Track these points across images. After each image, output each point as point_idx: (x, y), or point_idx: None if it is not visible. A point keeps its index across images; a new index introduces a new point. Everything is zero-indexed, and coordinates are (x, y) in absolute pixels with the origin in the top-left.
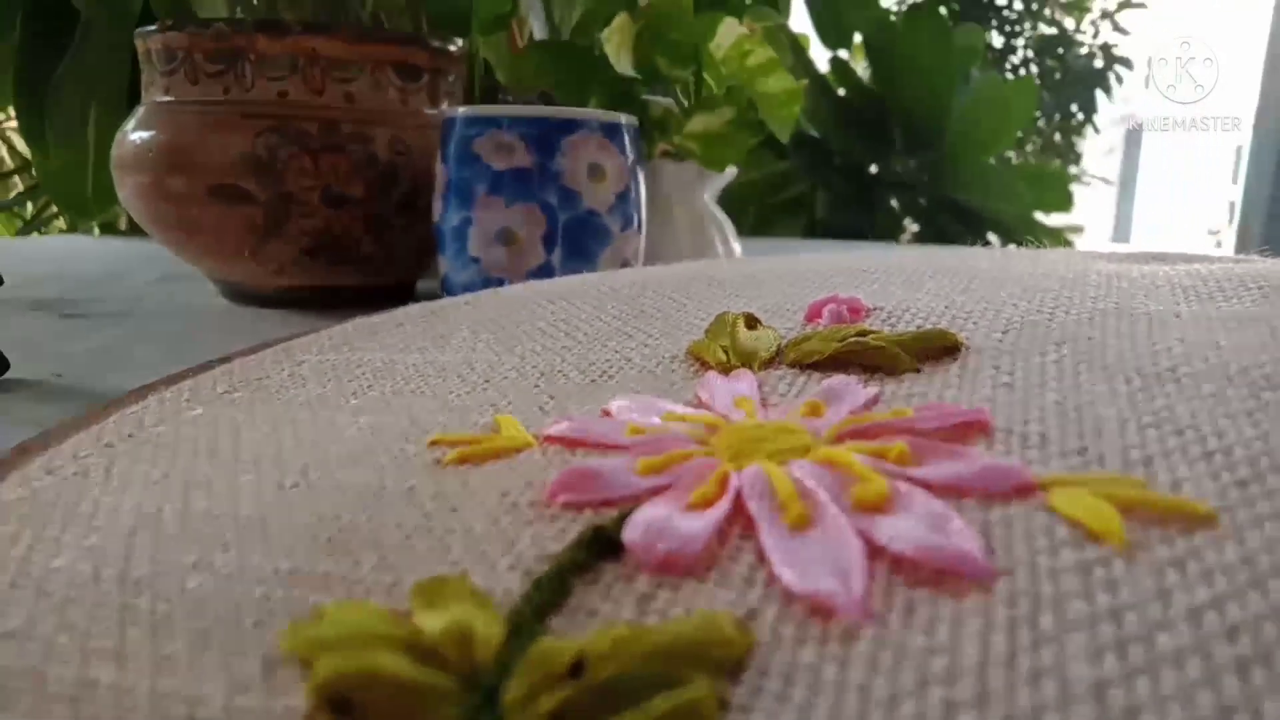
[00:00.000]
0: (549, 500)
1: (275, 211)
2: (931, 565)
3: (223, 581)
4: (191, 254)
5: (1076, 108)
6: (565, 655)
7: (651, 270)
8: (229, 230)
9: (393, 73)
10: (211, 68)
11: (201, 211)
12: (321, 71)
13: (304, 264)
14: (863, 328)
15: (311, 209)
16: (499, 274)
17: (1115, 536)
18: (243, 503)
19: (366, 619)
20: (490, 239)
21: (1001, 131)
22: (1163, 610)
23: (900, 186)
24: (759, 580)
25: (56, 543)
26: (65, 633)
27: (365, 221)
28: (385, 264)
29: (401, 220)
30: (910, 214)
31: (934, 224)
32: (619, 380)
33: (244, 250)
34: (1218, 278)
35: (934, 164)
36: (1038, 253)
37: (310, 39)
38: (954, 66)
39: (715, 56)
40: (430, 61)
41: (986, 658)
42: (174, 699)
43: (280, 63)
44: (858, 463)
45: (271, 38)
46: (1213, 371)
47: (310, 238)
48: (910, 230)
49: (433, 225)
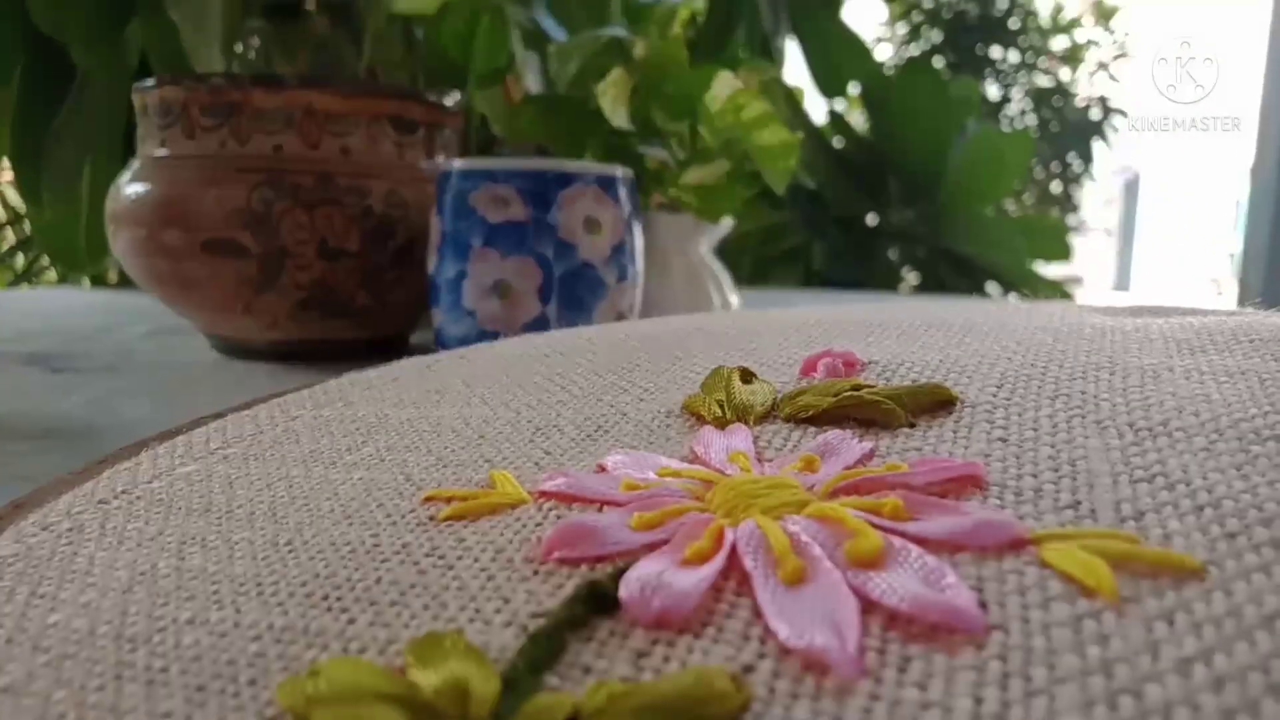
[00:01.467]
0: (544, 557)
1: (270, 265)
2: (925, 620)
3: (218, 638)
4: (185, 308)
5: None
6: (560, 711)
7: (646, 323)
8: (223, 284)
9: (389, 126)
10: (208, 122)
11: (196, 265)
12: (317, 125)
13: (298, 317)
14: (858, 382)
15: (306, 262)
16: (494, 326)
17: (1107, 590)
18: (237, 560)
19: (362, 675)
20: (485, 291)
21: (999, 182)
22: (1152, 662)
23: (898, 237)
24: (754, 636)
25: (53, 599)
26: (62, 689)
27: (360, 274)
28: (380, 317)
29: (396, 273)
30: (909, 264)
31: (933, 275)
32: (614, 435)
33: (238, 304)
34: (1210, 330)
35: (932, 215)
36: (1033, 306)
37: (306, 93)
38: (951, 118)
39: (710, 109)
40: (426, 115)
41: (979, 712)
42: None
43: (276, 117)
44: (852, 518)
45: (267, 92)
46: (1204, 425)
47: (305, 291)
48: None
49: (427, 278)
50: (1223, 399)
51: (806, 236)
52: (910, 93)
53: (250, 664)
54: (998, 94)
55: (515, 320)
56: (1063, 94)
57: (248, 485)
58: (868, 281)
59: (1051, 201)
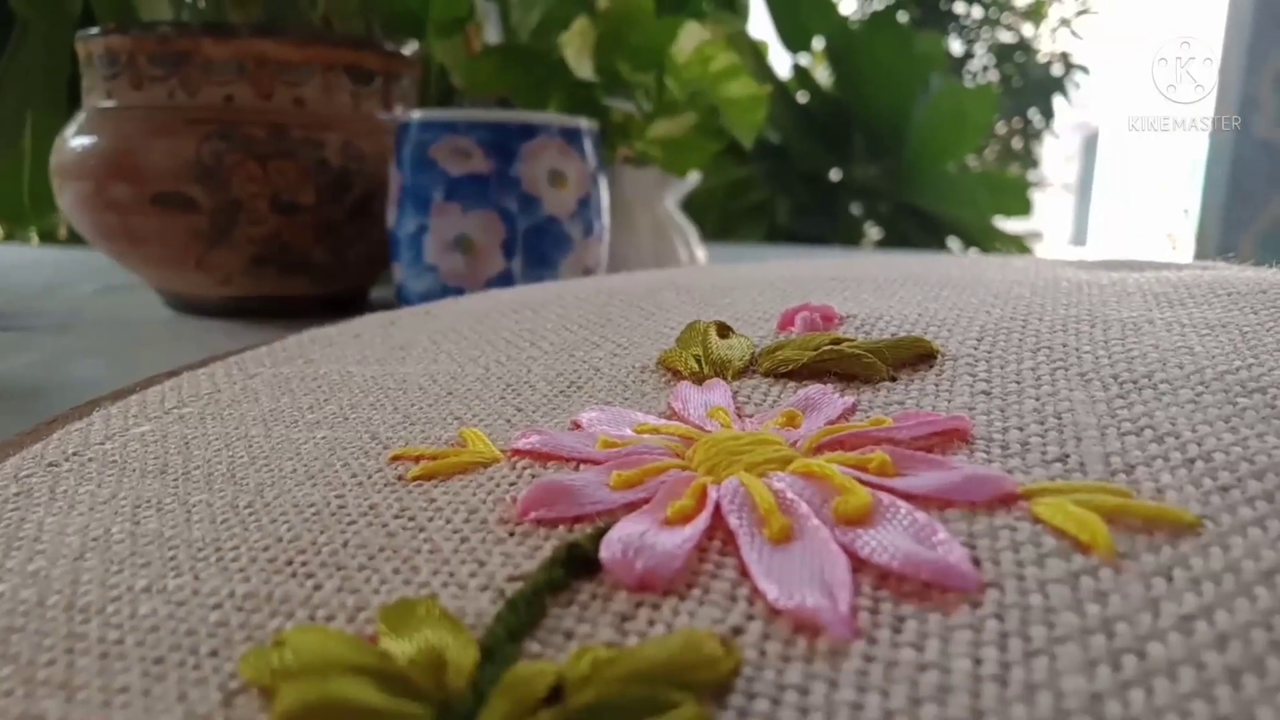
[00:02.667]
0: (520, 517)
1: (222, 219)
2: (917, 578)
3: (176, 607)
4: (134, 264)
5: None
6: (543, 680)
7: (617, 278)
8: (174, 239)
9: (345, 76)
10: (156, 71)
11: (145, 220)
12: (270, 75)
13: (252, 273)
14: (837, 335)
15: (260, 216)
16: (457, 282)
17: (1102, 546)
18: (195, 524)
19: (330, 645)
20: (447, 246)
21: (962, 138)
22: (1153, 620)
23: (862, 193)
24: (741, 596)
25: (11, 563)
26: (8, 664)
27: (316, 229)
28: (337, 272)
29: (354, 227)
30: (872, 220)
31: (895, 230)
32: (588, 391)
33: (189, 259)
34: (1187, 284)
35: (896, 170)
36: (1006, 260)
37: (259, 42)
38: (915, 73)
39: (677, 61)
40: (383, 65)
41: (979, 672)
42: None
43: (227, 66)
44: (838, 474)
45: (218, 40)
46: (1189, 378)
47: (258, 246)
48: (871, 236)
49: (387, 232)
50: (1206, 351)
51: (771, 191)
52: (875, 47)
53: (211, 634)
54: (961, 49)
55: (479, 276)
56: (1025, 50)
57: (205, 446)
58: (831, 237)
59: (1012, 157)
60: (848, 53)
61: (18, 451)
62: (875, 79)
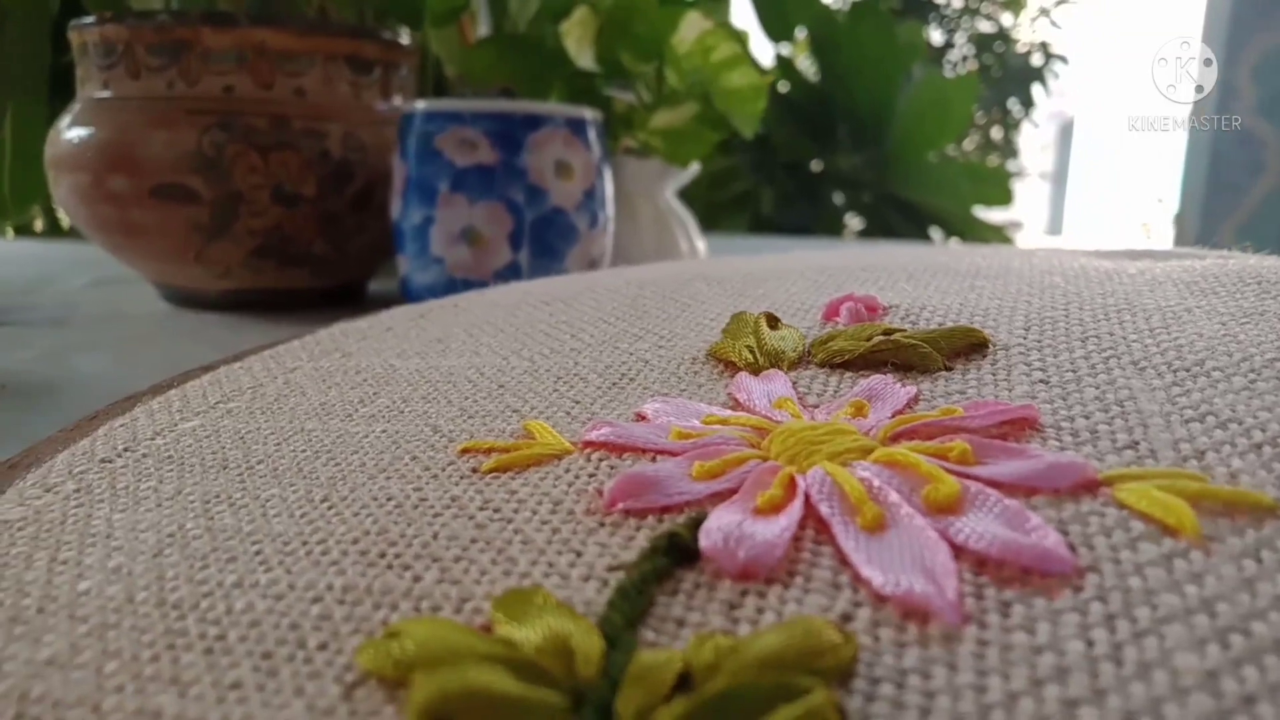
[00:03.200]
0: (608, 508)
1: (222, 211)
2: (1016, 564)
3: (274, 601)
4: (132, 256)
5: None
6: (671, 668)
7: (641, 270)
8: (173, 231)
9: (344, 66)
10: (154, 61)
11: (144, 212)
12: (270, 65)
13: (252, 265)
14: (888, 326)
15: (261, 208)
16: (464, 274)
17: (1190, 529)
18: (274, 518)
19: (451, 635)
20: (454, 238)
21: (944, 128)
22: (1251, 600)
23: (845, 182)
24: (844, 584)
25: (78, 565)
26: (112, 660)
27: (317, 221)
28: (338, 265)
29: (355, 219)
30: (854, 210)
31: (878, 220)
32: (641, 383)
33: (189, 252)
34: (1214, 274)
35: (878, 160)
36: (1028, 251)
37: (259, 31)
38: (897, 63)
39: (678, 51)
40: (383, 54)
41: (1093, 653)
42: None
43: (227, 56)
44: (925, 463)
45: (218, 30)
46: (1239, 365)
47: (259, 238)
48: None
49: (389, 224)
50: (1250, 339)
51: (755, 182)
52: (858, 37)
53: (316, 627)
54: (941, 39)
55: (486, 267)
56: (1004, 39)
57: (262, 440)
58: (815, 227)
59: (992, 147)
60: (831, 42)
61: (63, 448)
62: (859, 69)
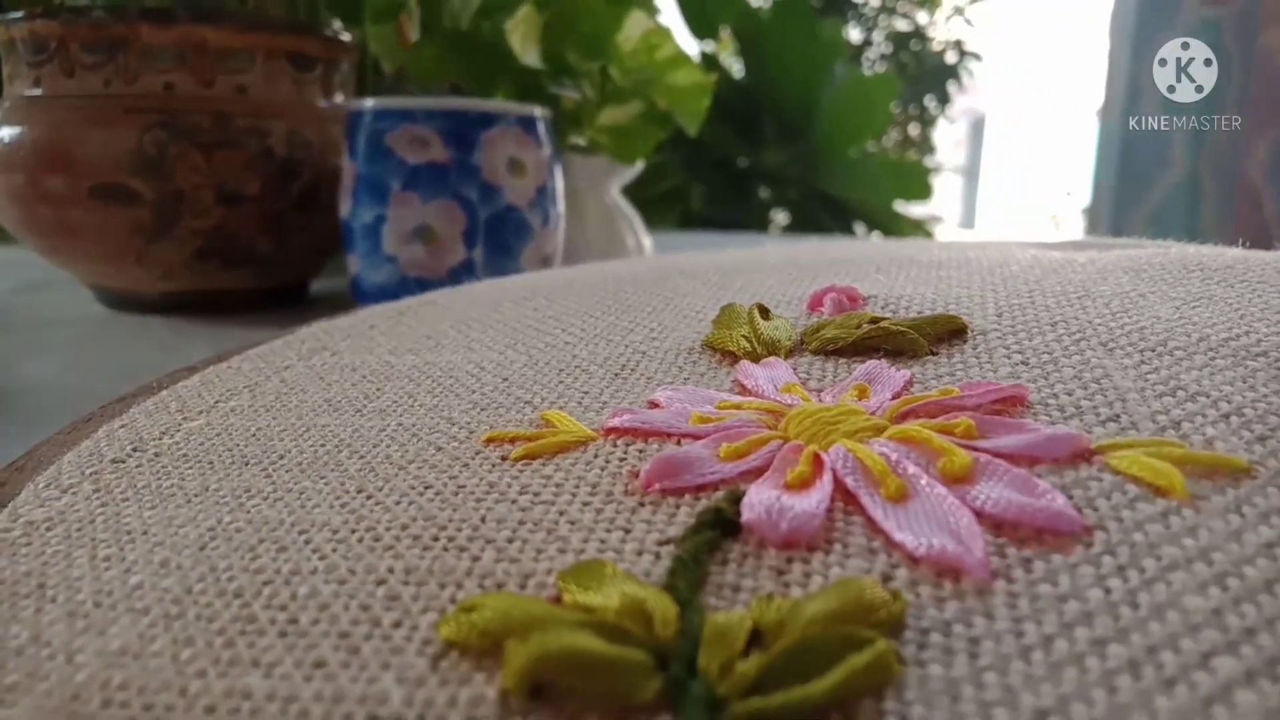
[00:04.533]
0: (645, 488)
1: (165, 212)
2: (1031, 525)
3: (338, 586)
4: (68, 259)
5: (933, 100)
6: (743, 628)
7: (614, 266)
8: (113, 232)
9: (286, 63)
10: (89, 59)
11: (83, 213)
12: (211, 62)
13: (194, 267)
14: (874, 315)
15: (204, 208)
16: (418, 272)
17: (1179, 490)
18: (314, 509)
19: (529, 605)
20: (407, 236)
21: (866, 125)
22: (1240, 549)
23: (771, 179)
24: (879, 549)
25: (122, 561)
26: (186, 648)
27: (261, 220)
28: (281, 265)
29: (299, 218)
30: (781, 205)
31: (804, 215)
32: (642, 372)
33: (129, 254)
34: (1158, 263)
35: (804, 156)
36: (980, 243)
37: (199, 28)
38: (821, 61)
39: (623, 50)
40: (325, 51)
41: (1111, 599)
42: (348, 702)
43: (166, 53)
44: (937, 438)
45: (157, 27)
46: (1198, 344)
47: (202, 239)
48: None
49: (334, 223)
50: (1204, 321)
51: (684, 178)
52: (782, 35)
53: (387, 607)
54: (860, 38)
55: (440, 265)
56: (920, 38)
57: (276, 436)
58: (742, 222)
59: (910, 143)
60: (755, 40)
61: (64, 451)
62: (783, 66)
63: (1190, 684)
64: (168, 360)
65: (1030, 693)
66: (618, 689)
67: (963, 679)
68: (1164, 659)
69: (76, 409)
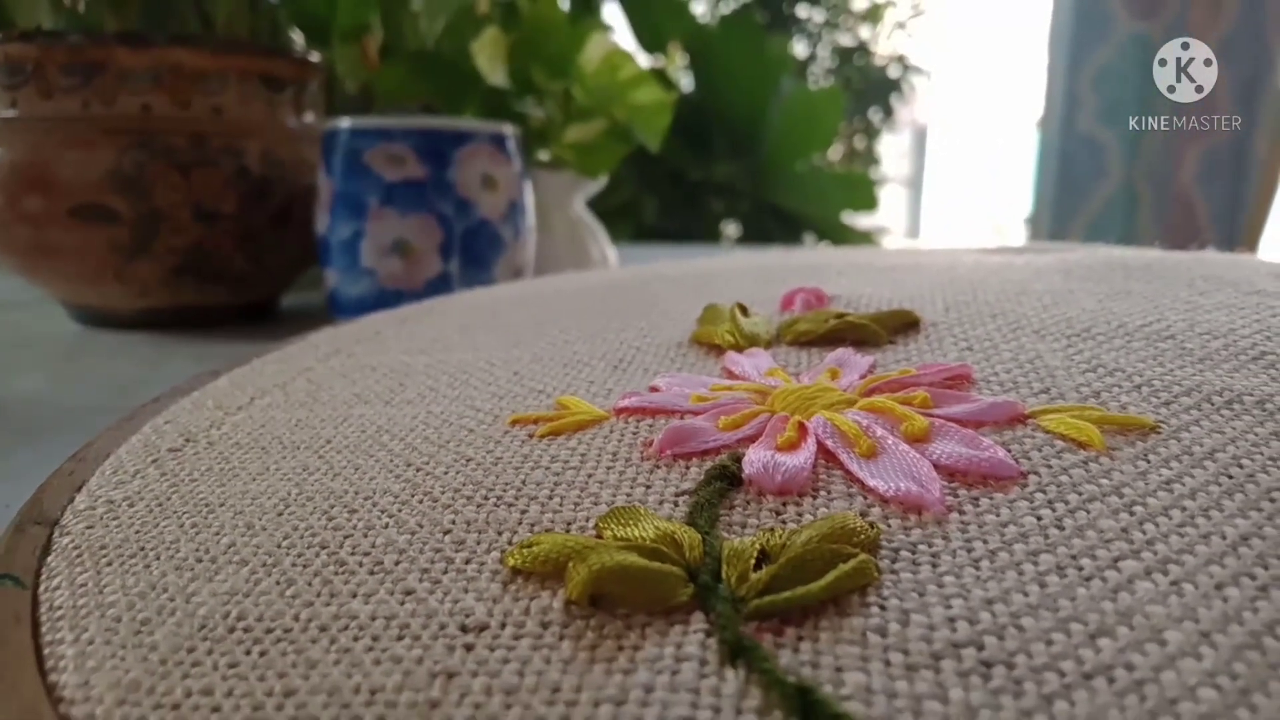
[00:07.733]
0: (659, 454)
1: (143, 230)
2: (978, 472)
3: (410, 535)
4: (45, 277)
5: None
6: (753, 549)
7: (596, 275)
8: (92, 251)
9: (259, 84)
10: (66, 82)
11: (62, 233)
12: (187, 84)
13: (171, 283)
14: (838, 311)
15: (181, 226)
16: (395, 285)
17: (1097, 442)
18: (373, 479)
19: (580, 539)
20: (385, 250)
21: (813, 138)
22: (1145, 485)
23: (722, 191)
24: (855, 494)
25: (210, 527)
26: (289, 587)
27: (237, 237)
28: (255, 281)
29: (274, 235)
30: (732, 217)
31: (755, 226)
32: (639, 364)
33: (108, 272)
34: (1086, 263)
35: (754, 169)
36: (930, 249)
37: (174, 51)
38: (769, 75)
39: (585, 70)
40: (295, 72)
41: (1043, 523)
42: (440, 616)
43: (142, 76)
44: (899, 407)
45: (133, 50)
46: (1116, 330)
47: (179, 256)
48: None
49: (308, 239)
50: (1123, 311)
51: (637, 191)
52: (730, 48)
53: (456, 549)
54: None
55: (418, 278)
56: (864, 52)
57: (319, 424)
58: (695, 234)
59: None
60: (704, 54)
61: (115, 446)
62: (732, 80)
63: (1103, 579)
64: (152, 374)
65: (980, 588)
66: (659, 595)
67: (926, 580)
68: (1083, 563)
69: (70, 421)
